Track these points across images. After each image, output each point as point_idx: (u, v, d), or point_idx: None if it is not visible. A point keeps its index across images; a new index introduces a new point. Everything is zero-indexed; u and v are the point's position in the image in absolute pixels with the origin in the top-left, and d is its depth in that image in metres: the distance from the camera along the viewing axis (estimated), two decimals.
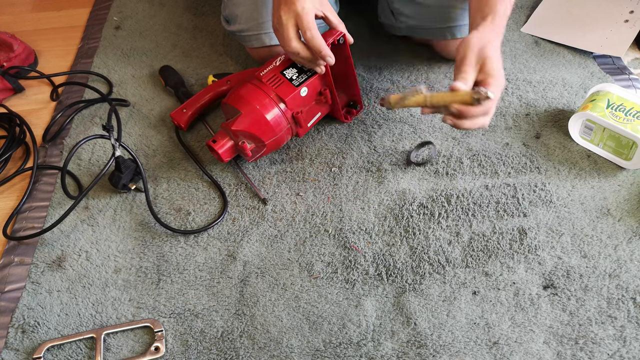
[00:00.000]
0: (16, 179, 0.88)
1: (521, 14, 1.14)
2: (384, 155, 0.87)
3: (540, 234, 0.76)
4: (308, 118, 0.85)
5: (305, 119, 0.83)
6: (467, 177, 0.84)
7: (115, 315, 0.70)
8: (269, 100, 0.79)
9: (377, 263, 0.74)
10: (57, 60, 1.11)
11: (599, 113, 0.83)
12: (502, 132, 0.90)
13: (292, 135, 0.85)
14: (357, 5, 1.14)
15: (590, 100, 0.86)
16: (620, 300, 0.69)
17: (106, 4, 1.23)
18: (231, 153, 0.82)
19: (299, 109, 0.81)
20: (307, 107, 0.83)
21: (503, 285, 0.71)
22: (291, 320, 0.69)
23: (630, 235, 0.76)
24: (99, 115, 0.97)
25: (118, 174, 0.80)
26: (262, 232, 0.78)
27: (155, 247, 0.77)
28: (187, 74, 1.04)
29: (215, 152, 0.81)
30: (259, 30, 0.92)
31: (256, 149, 0.82)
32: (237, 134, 0.80)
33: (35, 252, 0.77)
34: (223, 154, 0.81)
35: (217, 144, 0.81)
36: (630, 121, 0.81)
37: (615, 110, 0.81)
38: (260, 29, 0.92)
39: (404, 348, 0.66)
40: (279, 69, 0.82)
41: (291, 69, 0.82)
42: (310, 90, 0.82)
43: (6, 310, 0.71)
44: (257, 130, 0.79)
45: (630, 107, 0.80)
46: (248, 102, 0.79)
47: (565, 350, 0.65)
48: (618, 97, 0.83)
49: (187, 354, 0.66)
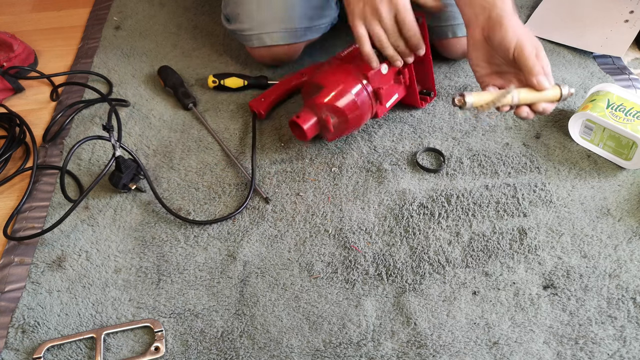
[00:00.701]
0: (16, 179, 0.88)
1: (521, 14, 1.14)
2: (384, 155, 0.87)
3: (540, 234, 0.76)
4: (387, 97, 0.86)
5: (385, 97, 0.84)
6: (467, 177, 0.84)
7: (115, 315, 0.70)
8: (352, 75, 0.81)
9: (377, 263, 0.74)
10: (57, 60, 1.11)
11: (599, 113, 0.83)
12: (502, 132, 0.90)
13: (372, 114, 0.86)
14: None
15: (590, 100, 0.86)
16: (620, 300, 0.69)
17: (106, 4, 1.23)
18: (314, 130, 0.83)
19: (380, 85, 0.82)
20: (387, 85, 0.84)
21: (503, 285, 0.71)
22: (291, 320, 0.69)
23: (630, 235, 0.76)
24: (99, 115, 0.97)
25: (118, 174, 0.80)
26: (262, 232, 0.78)
27: (155, 247, 0.77)
28: (187, 74, 1.04)
29: (299, 128, 0.82)
30: (260, 30, 0.92)
31: (338, 125, 0.83)
32: (321, 108, 0.81)
33: (35, 252, 0.77)
34: (308, 130, 0.82)
35: (300, 119, 0.82)
36: (630, 121, 0.81)
37: (615, 110, 0.81)
38: (261, 28, 0.92)
39: (404, 348, 0.66)
40: (358, 50, 0.83)
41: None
42: (390, 68, 0.83)
43: (6, 310, 0.71)
44: (342, 102, 0.80)
45: (630, 107, 0.80)
46: (332, 76, 0.82)
47: (565, 350, 0.65)
48: (618, 97, 0.83)
49: (187, 354, 0.66)
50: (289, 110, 0.96)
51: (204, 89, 1.01)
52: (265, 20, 0.91)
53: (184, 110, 0.97)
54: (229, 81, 0.99)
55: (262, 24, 0.91)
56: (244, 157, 0.89)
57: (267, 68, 1.04)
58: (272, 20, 0.92)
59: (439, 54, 1.02)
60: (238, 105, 0.97)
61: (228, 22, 0.98)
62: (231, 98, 0.99)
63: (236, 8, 0.94)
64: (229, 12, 0.96)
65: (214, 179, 0.85)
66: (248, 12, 0.92)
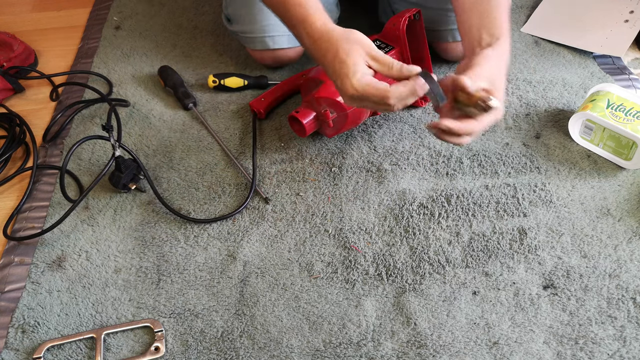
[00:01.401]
0: (16, 179, 0.88)
1: (521, 14, 1.14)
2: (384, 155, 0.87)
3: (540, 234, 0.76)
4: None
5: None
6: (467, 177, 0.84)
7: (115, 315, 0.70)
8: None
9: (377, 263, 0.74)
10: (57, 60, 1.11)
11: (599, 113, 0.83)
12: (502, 132, 0.90)
13: (371, 112, 0.86)
14: (358, 6, 1.14)
15: (590, 100, 0.86)
16: (620, 300, 0.69)
17: (106, 4, 1.23)
18: (313, 125, 0.83)
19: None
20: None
21: (503, 285, 0.71)
22: (291, 320, 0.69)
23: (630, 235, 0.76)
24: (99, 115, 0.97)
25: (118, 174, 0.80)
26: (262, 232, 0.78)
27: (155, 247, 0.77)
28: (187, 74, 1.04)
29: (298, 123, 0.82)
30: (262, 33, 0.91)
31: (338, 120, 0.83)
32: (320, 102, 0.81)
33: (35, 252, 0.77)
34: (307, 125, 0.82)
35: (300, 114, 0.82)
36: (630, 121, 0.81)
37: (615, 110, 0.81)
38: (263, 31, 0.91)
39: (404, 348, 0.66)
40: None
41: None
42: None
43: (6, 310, 0.71)
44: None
45: (630, 107, 0.80)
46: None
47: (565, 350, 0.65)
48: (618, 97, 0.83)
49: (187, 354, 0.66)
50: (289, 110, 0.96)
51: (204, 89, 1.01)
52: (269, 23, 0.90)
53: (184, 110, 0.97)
54: (229, 81, 0.99)
55: (265, 27, 0.90)
56: (244, 157, 0.89)
57: (267, 68, 1.04)
58: (275, 24, 0.91)
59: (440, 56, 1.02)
60: (238, 105, 0.97)
61: (229, 23, 0.97)
62: (231, 98, 0.99)
63: (238, 10, 0.93)
64: (231, 13, 0.96)
65: (214, 179, 0.85)
66: (251, 14, 0.91)
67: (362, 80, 0.65)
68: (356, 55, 0.65)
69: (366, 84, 0.65)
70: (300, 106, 0.84)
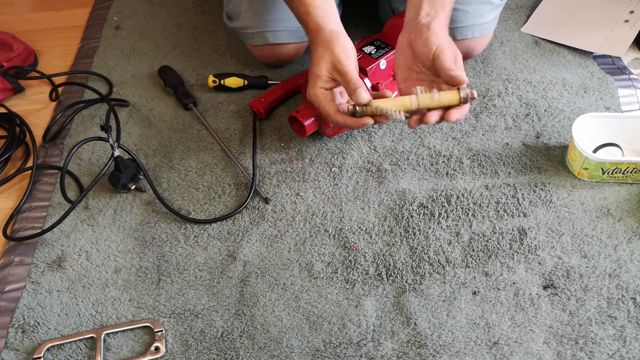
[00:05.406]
0: (16, 179, 0.88)
1: (521, 14, 1.14)
2: (384, 155, 0.87)
3: (540, 234, 0.76)
4: None
5: None
6: (467, 177, 0.84)
7: (115, 315, 0.70)
8: None
9: (377, 263, 0.74)
10: (57, 60, 1.11)
11: (596, 180, 0.81)
12: (502, 132, 0.90)
13: None
14: (358, 5, 1.14)
15: (583, 167, 0.81)
16: (620, 300, 0.69)
17: (106, 4, 1.23)
18: (313, 125, 0.83)
19: (378, 81, 0.83)
20: (385, 81, 0.85)
21: (503, 285, 0.71)
22: (291, 320, 0.69)
23: (630, 235, 0.76)
24: (98, 116, 0.97)
25: (117, 174, 0.80)
26: (262, 232, 0.78)
27: (155, 247, 0.77)
28: (187, 74, 1.04)
29: (298, 123, 0.82)
30: (263, 28, 0.92)
31: None
32: None
33: (35, 252, 0.77)
34: (307, 125, 0.82)
35: (300, 114, 0.82)
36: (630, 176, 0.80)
37: (612, 174, 0.80)
38: (264, 26, 0.91)
39: (404, 348, 0.66)
40: (358, 47, 0.85)
41: (369, 46, 0.87)
42: (388, 65, 0.84)
43: (6, 310, 0.71)
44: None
45: (625, 167, 0.79)
46: None
47: (565, 350, 0.65)
48: (611, 163, 0.80)
49: (187, 354, 0.66)
50: (289, 110, 0.96)
51: (204, 89, 1.01)
52: (269, 18, 0.90)
53: (184, 110, 0.97)
54: (229, 81, 0.99)
55: (266, 22, 0.91)
56: (244, 157, 0.89)
57: (267, 68, 1.04)
58: (275, 19, 0.92)
59: None
60: (238, 105, 0.97)
61: (230, 20, 0.97)
62: (231, 98, 0.99)
63: (239, 5, 0.93)
64: (231, 10, 0.96)
65: (214, 179, 0.85)
66: (251, 9, 0.91)
67: (317, 92, 0.72)
68: (322, 65, 0.71)
69: (316, 98, 0.72)
70: (300, 106, 0.84)
